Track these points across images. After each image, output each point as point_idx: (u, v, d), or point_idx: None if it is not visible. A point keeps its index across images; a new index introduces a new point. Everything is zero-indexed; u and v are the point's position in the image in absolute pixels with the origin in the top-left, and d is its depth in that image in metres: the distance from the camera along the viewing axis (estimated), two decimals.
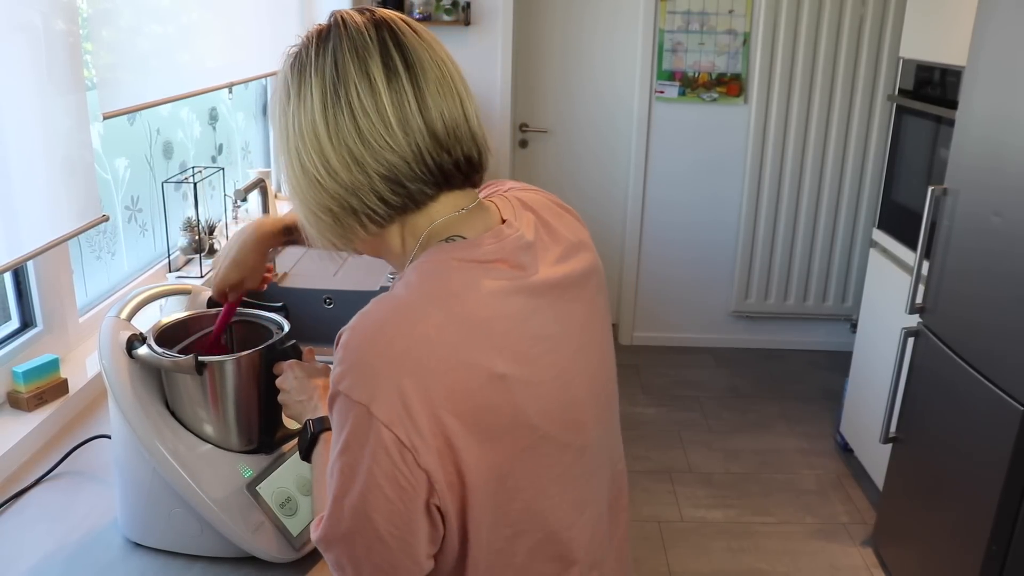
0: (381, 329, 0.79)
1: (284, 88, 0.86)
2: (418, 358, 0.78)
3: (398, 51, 0.83)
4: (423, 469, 0.78)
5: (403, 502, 0.79)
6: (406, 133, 0.82)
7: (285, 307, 1.21)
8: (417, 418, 0.77)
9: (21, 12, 1.26)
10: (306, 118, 0.83)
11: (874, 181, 3.83)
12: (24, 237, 1.30)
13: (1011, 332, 1.92)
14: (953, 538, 2.14)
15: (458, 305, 0.81)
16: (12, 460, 1.29)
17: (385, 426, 0.76)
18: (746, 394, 3.72)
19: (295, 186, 0.86)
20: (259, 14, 2.32)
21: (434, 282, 0.83)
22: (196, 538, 1.09)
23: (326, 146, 0.82)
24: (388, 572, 0.82)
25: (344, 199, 0.83)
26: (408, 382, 0.77)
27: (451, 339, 0.79)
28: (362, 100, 0.81)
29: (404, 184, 0.83)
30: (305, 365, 1.10)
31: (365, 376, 0.78)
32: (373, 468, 0.78)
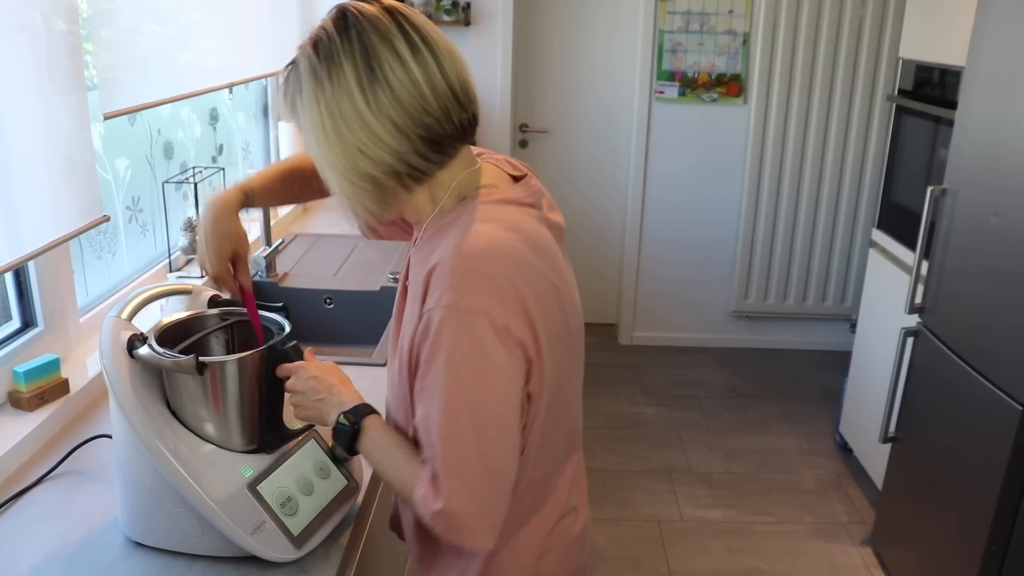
0: (477, 250, 0.94)
1: (313, 76, 0.95)
2: (511, 264, 0.95)
3: (414, 30, 0.95)
4: (527, 359, 0.96)
5: (518, 395, 0.96)
6: (436, 96, 0.95)
7: (285, 307, 1.21)
8: (519, 314, 0.94)
9: (22, 12, 1.26)
10: (344, 97, 0.93)
11: (873, 181, 3.83)
12: (25, 237, 1.30)
13: (1010, 332, 1.92)
14: (952, 537, 2.15)
15: (522, 231, 0.99)
16: (13, 460, 1.29)
17: (505, 328, 0.92)
18: (746, 394, 3.72)
19: (335, 161, 0.96)
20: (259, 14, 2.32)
21: (497, 217, 0.99)
22: (197, 538, 1.09)
23: (369, 119, 0.93)
24: (511, 475, 0.97)
25: (390, 164, 0.95)
26: (509, 284, 0.93)
27: (529, 254, 0.97)
28: (396, 74, 0.93)
29: (439, 141, 0.96)
30: (313, 364, 1.10)
31: (477, 287, 0.92)
32: (503, 369, 0.93)
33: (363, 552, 1.28)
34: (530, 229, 1.00)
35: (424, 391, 0.95)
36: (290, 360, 1.11)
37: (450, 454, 0.93)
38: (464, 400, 0.92)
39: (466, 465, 0.93)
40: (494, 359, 0.92)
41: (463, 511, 0.93)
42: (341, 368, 1.12)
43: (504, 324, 0.92)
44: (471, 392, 0.92)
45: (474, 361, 0.92)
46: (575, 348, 1.08)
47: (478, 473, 0.94)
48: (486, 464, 0.94)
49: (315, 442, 1.19)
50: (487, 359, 0.92)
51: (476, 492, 0.94)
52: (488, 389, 0.93)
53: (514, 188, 1.05)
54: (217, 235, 1.18)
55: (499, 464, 0.95)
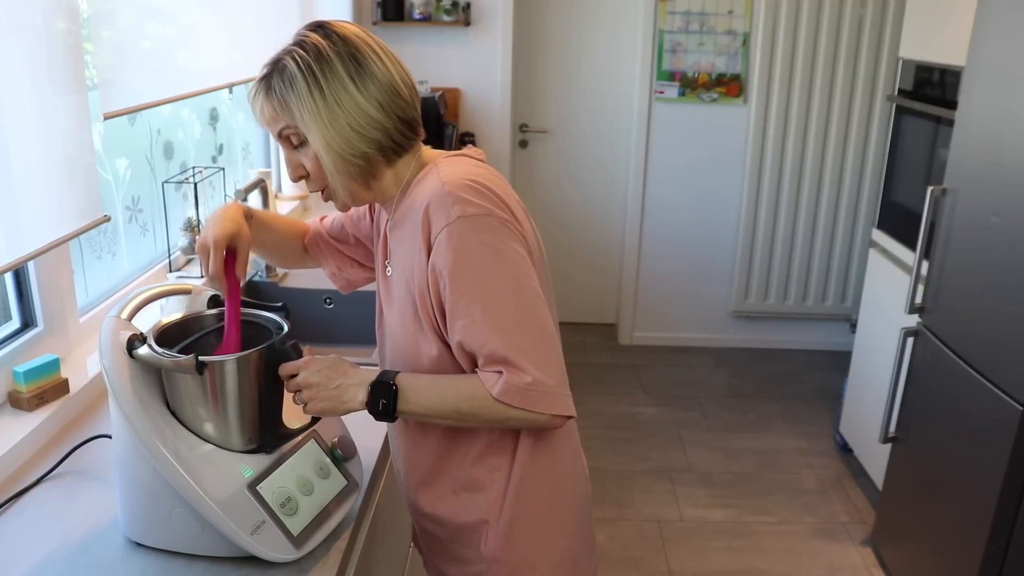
0: (461, 175, 1.10)
1: (308, 73, 1.08)
2: (492, 181, 1.12)
3: (372, 38, 1.13)
4: (528, 251, 1.12)
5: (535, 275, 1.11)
6: (406, 87, 1.13)
7: (285, 307, 1.21)
8: (512, 214, 1.11)
9: (22, 12, 1.26)
10: (339, 86, 1.08)
11: (874, 181, 3.83)
12: (25, 237, 1.30)
13: (1010, 332, 1.92)
14: (952, 537, 2.15)
15: (486, 171, 1.16)
16: (13, 460, 1.29)
17: (507, 219, 1.08)
18: (746, 394, 3.72)
19: (332, 142, 1.09)
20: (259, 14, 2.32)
21: (463, 163, 1.16)
22: (197, 538, 1.09)
23: (362, 102, 1.09)
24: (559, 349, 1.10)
25: (378, 140, 1.10)
26: (498, 193, 1.10)
27: (498, 181, 1.15)
28: (378, 66, 1.10)
29: (410, 121, 1.14)
30: (318, 359, 1.11)
31: (476, 196, 1.07)
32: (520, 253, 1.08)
33: (363, 552, 1.28)
34: (491, 173, 1.17)
35: (459, 302, 1.05)
36: (289, 359, 1.11)
37: (512, 336, 1.04)
38: (503, 287, 1.05)
39: (530, 340, 1.05)
40: (513, 245, 1.07)
41: (549, 379, 1.05)
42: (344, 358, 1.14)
43: (506, 218, 1.08)
44: (506, 278, 1.06)
45: (497, 252, 1.06)
46: (547, 275, 1.20)
47: (541, 343, 1.06)
48: (544, 333, 1.07)
49: (315, 442, 1.19)
50: (507, 246, 1.07)
51: (548, 360, 1.06)
52: (518, 271, 1.07)
53: (466, 151, 1.22)
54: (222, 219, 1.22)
55: (551, 331, 1.09)
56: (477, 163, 1.19)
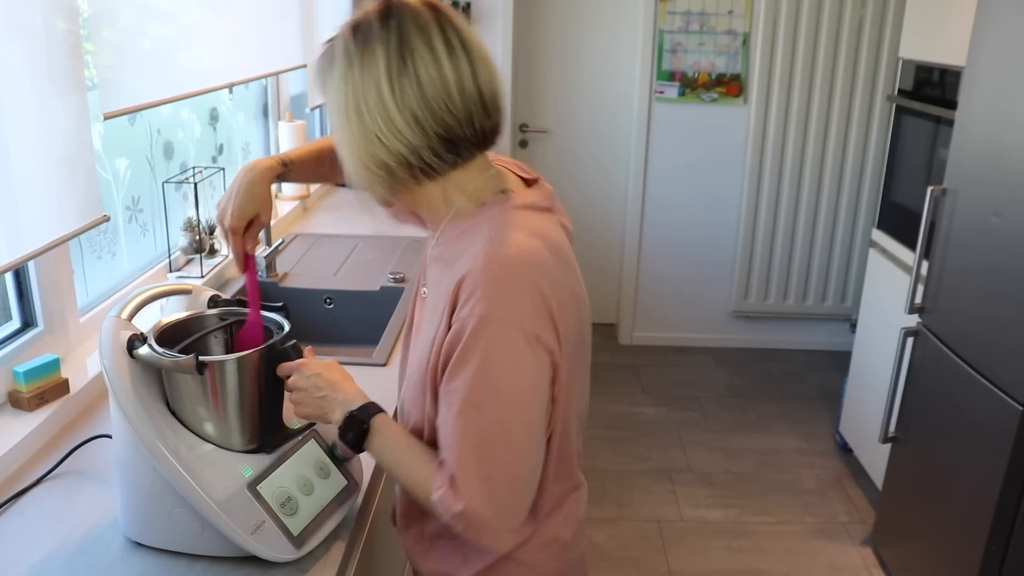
0: (507, 259, 0.96)
1: (346, 57, 0.96)
2: (540, 274, 0.97)
3: (454, 31, 0.96)
4: (554, 364, 0.98)
5: (544, 402, 0.98)
6: (463, 98, 0.96)
7: (285, 307, 1.21)
8: (547, 322, 0.96)
9: (22, 12, 1.26)
10: (371, 83, 0.94)
11: (873, 181, 3.83)
12: (25, 237, 1.30)
13: (1010, 332, 1.92)
14: (952, 537, 2.15)
15: (546, 238, 1.01)
16: (13, 460, 1.29)
17: (536, 337, 0.94)
18: (746, 394, 3.72)
19: (352, 143, 0.98)
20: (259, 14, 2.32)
21: (522, 223, 1.01)
22: (197, 538, 1.09)
23: (391, 108, 0.94)
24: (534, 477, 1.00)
25: (403, 155, 0.96)
26: (538, 294, 0.95)
27: (554, 262, 1.00)
28: (427, 69, 0.94)
29: (456, 143, 0.97)
30: (315, 362, 1.10)
31: (508, 298, 0.94)
32: (532, 377, 0.96)
33: (363, 552, 1.28)
34: (552, 236, 1.02)
35: (451, 394, 0.96)
36: (289, 359, 1.11)
37: (469, 458, 0.94)
38: (493, 407, 0.94)
39: (490, 469, 0.95)
40: (524, 368, 0.94)
41: (484, 513, 0.95)
42: (342, 366, 1.13)
43: (534, 332, 0.94)
44: (500, 400, 0.94)
45: (505, 370, 0.94)
46: (586, 355, 1.11)
47: (502, 477, 0.95)
48: (511, 469, 0.96)
49: (315, 442, 1.19)
50: (518, 368, 0.94)
51: (499, 496, 0.96)
52: (517, 397, 0.95)
53: (532, 193, 1.06)
54: (247, 194, 1.21)
55: (523, 469, 0.98)
56: (540, 216, 1.04)
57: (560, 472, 1.09)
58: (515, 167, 1.13)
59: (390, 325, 1.88)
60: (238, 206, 1.21)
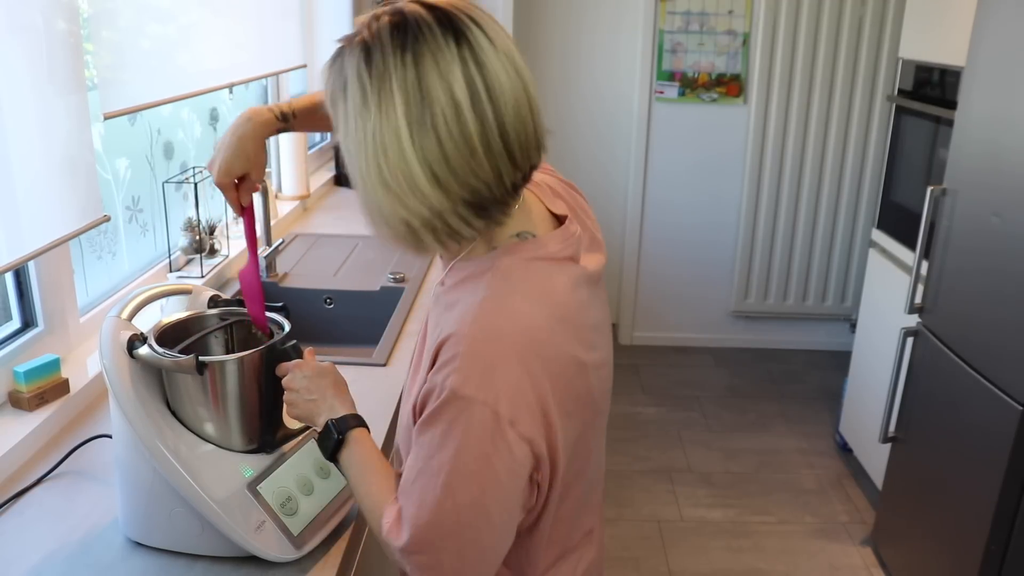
0: (499, 333, 0.84)
1: (359, 89, 0.82)
2: (531, 353, 0.85)
3: (478, 70, 0.81)
4: (535, 454, 0.86)
5: (516, 486, 0.86)
6: (489, 156, 0.82)
7: (285, 307, 1.21)
8: (532, 408, 0.84)
9: (22, 12, 1.26)
10: (389, 131, 0.80)
11: (873, 181, 3.84)
12: (25, 237, 1.30)
13: (1010, 332, 1.92)
14: (952, 537, 2.15)
15: (550, 302, 0.89)
16: (13, 460, 1.29)
17: (509, 422, 0.82)
18: (746, 394, 3.72)
19: (372, 195, 0.85)
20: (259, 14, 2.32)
21: (525, 280, 0.89)
22: (197, 538, 1.09)
23: (413, 165, 0.81)
24: (489, 555, 0.89)
25: (426, 218, 0.84)
26: (525, 374, 0.84)
27: (557, 335, 0.88)
28: (448, 124, 0.79)
29: (487, 207, 0.85)
30: (311, 364, 1.10)
31: (487, 376, 0.82)
32: (495, 463, 0.83)
33: (363, 552, 1.28)
34: (560, 296, 0.90)
35: (417, 446, 0.88)
36: (289, 359, 1.11)
37: (426, 515, 0.86)
38: (448, 479, 0.84)
39: (439, 534, 0.87)
40: (489, 452, 0.83)
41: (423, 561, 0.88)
42: (339, 371, 1.12)
43: (510, 417, 0.82)
44: (457, 476, 0.84)
45: (467, 449, 0.83)
46: (598, 421, 1.00)
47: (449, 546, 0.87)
48: (458, 542, 0.87)
49: (315, 442, 1.19)
50: (481, 450, 0.83)
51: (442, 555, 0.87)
52: (476, 479, 0.84)
53: (551, 240, 0.92)
54: (233, 151, 1.14)
55: (471, 546, 0.87)
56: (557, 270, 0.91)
57: (554, 537, 1.00)
58: (547, 191, 1.01)
59: (390, 325, 1.88)
60: (225, 161, 1.14)
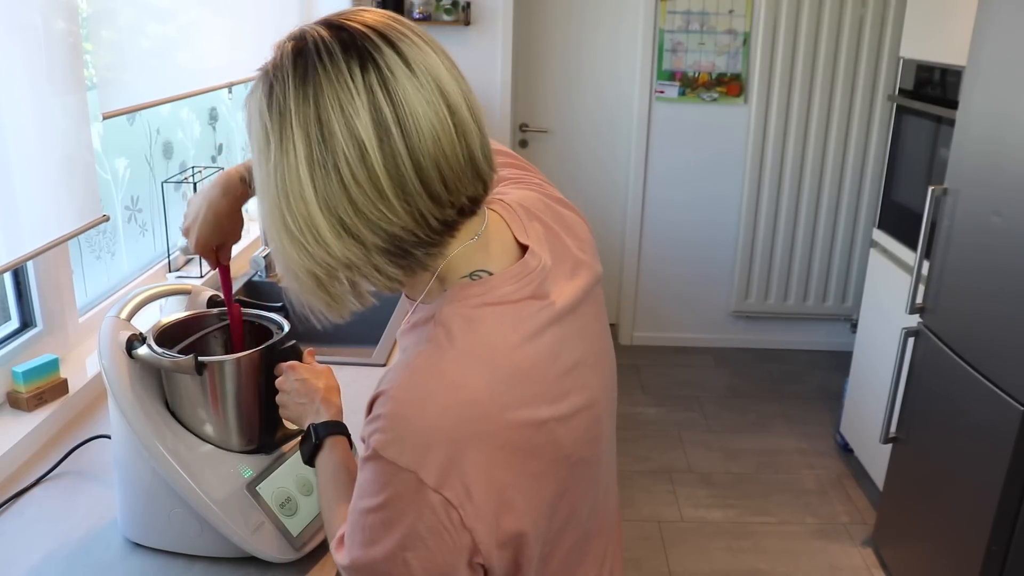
0: (428, 396, 0.74)
1: (262, 130, 0.73)
2: (470, 423, 0.74)
3: (387, 100, 0.70)
4: (468, 529, 0.74)
5: (443, 555, 0.75)
6: (405, 201, 0.71)
7: (285, 307, 1.21)
8: (468, 481, 0.74)
9: (21, 12, 1.26)
10: (291, 176, 0.71)
11: (874, 181, 3.83)
12: (24, 237, 1.30)
13: (1011, 332, 1.91)
14: (953, 538, 2.14)
15: (500, 359, 0.77)
16: (12, 460, 1.29)
17: (434, 490, 0.73)
18: (746, 394, 3.72)
19: (276, 243, 0.76)
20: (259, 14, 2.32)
21: (472, 335, 0.77)
22: (196, 538, 1.09)
23: (315, 213, 0.71)
24: None
25: (334, 270, 0.75)
26: (460, 448, 0.73)
27: (499, 398, 0.76)
28: (352, 168, 0.70)
29: (408, 251, 0.75)
30: (306, 366, 1.09)
31: (413, 444, 0.73)
32: (416, 525, 0.74)
33: None
34: (510, 350, 0.78)
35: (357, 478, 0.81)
36: (289, 360, 1.10)
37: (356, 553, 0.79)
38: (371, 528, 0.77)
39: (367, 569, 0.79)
40: (411, 517, 0.74)
41: None
42: (334, 375, 1.11)
43: (435, 485, 0.73)
44: (379, 529, 0.76)
45: (389, 507, 0.75)
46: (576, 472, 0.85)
47: None
48: None
49: None
50: (402, 512, 0.74)
51: None
52: (393, 537, 0.75)
53: (503, 280, 0.80)
54: (210, 226, 1.09)
55: None
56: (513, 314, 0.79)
57: None
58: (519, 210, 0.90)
59: (390, 325, 1.88)
60: (202, 236, 1.09)
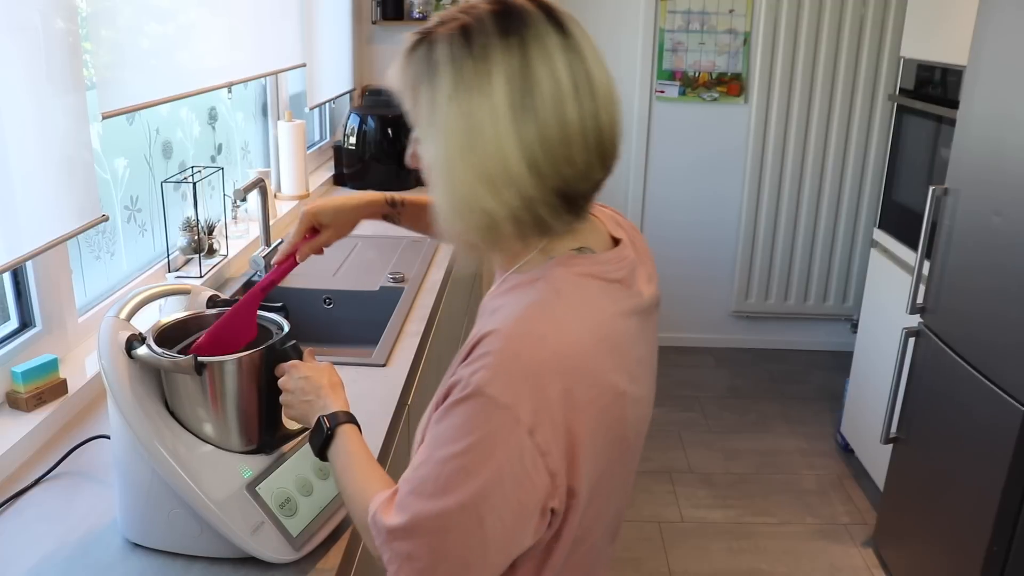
0: (540, 339, 0.79)
1: (454, 69, 0.79)
2: (572, 373, 0.79)
3: (580, 62, 0.82)
4: (550, 472, 0.79)
5: (522, 503, 0.79)
6: (585, 148, 0.80)
7: (285, 307, 1.21)
8: (556, 424, 0.78)
9: (20, 12, 1.26)
10: (486, 115, 0.78)
11: (875, 181, 3.83)
12: (23, 237, 1.30)
13: (1012, 332, 1.91)
14: (954, 538, 2.14)
15: (597, 321, 0.84)
16: (11, 460, 1.29)
17: (528, 430, 0.77)
18: (746, 394, 3.72)
19: (453, 183, 0.81)
20: (259, 14, 2.32)
21: (579, 295, 0.84)
22: (196, 539, 1.08)
23: (509, 149, 0.78)
24: (464, 568, 0.81)
25: (514, 208, 0.81)
26: (557, 389, 0.78)
27: (598, 356, 0.82)
28: (550, 110, 0.78)
29: (575, 199, 0.83)
30: (307, 364, 1.09)
31: (520, 381, 0.77)
32: (504, 469, 0.77)
33: (363, 553, 1.27)
34: (608, 318, 0.85)
35: (431, 432, 0.84)
36: (289, 359, 1.10)
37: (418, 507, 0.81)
38: (451, 474, 0.79)
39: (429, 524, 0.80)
40: (499, 456, 0.77)
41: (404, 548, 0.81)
42: (336, 371, 1.11)
43: (530, 426, 0.77)
44: (461, 473, 0.78)
45: (478, 448, 0.78)
46: (628, 457, 0.94)
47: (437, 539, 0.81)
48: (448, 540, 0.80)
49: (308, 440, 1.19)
50: (491, 452, 0.77)
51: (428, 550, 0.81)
52: (480, 481, 0.78)
53: (605, 259, 0.89)
54: (337, 203, 1.20)
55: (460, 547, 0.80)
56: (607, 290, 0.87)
57: None
58: (610, 219, 0.99)
59: (390, 325, 1.87)
60: (324, 203, 1.20)
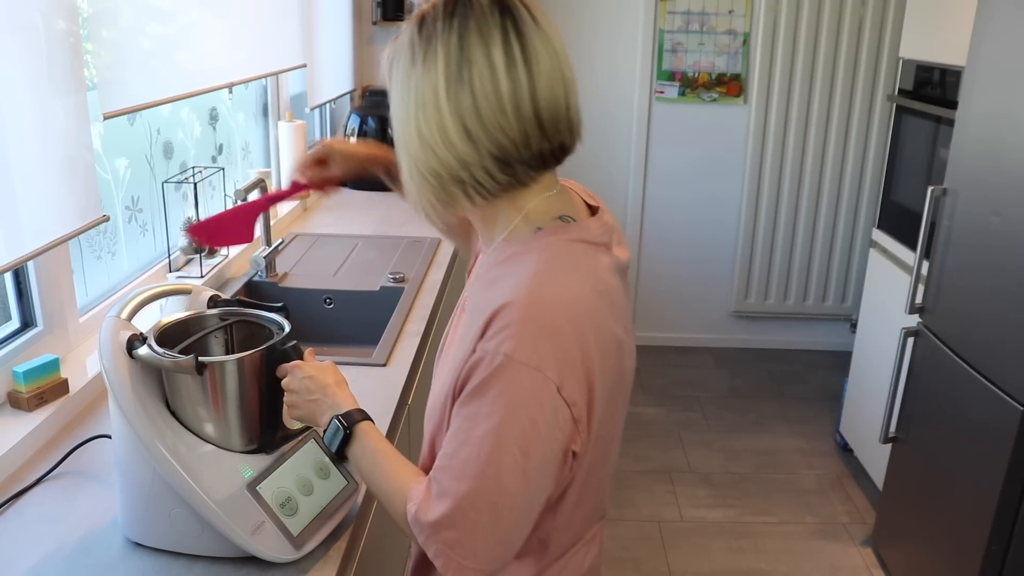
0: (553, 303, 0.89)
1: (410, 51, 0.93)
2: (581, 323, 0.90)
3: (518, 40, 0.90)
4: (575, 419, 0.90)
5: (555, 452, 0.90)
6: (518, 118, 0.90)
7: (285, 307, 1.21)
8: (578, 376, 0.88)
9: (22, 12, 1.26)
10: (428, 86, 0.90)
11: (874, 181, 3.83)
12: (25, 237, 1.30)
13: (1011, 332, 1.92)
14: (953, 538, 2.14)
15: (593, 279, 0.94)
16: (12, 460, 1.29)
17: (557, 386, 0.87)
18: (746, 394, 3.72)
19: (408, 146, 0.94)
20: (259, 14, 2.32)
21: (574, 259, 0.95)
22: (196, 538, 1.09)
23: (445, 116, 0.89)
24: (519, 528, 0.92)
25: (454, 169, 0.92)
26: (576, 344, 0.88)
27: (602, 310, 0.93)
28: (483, 82, 0.88)
29: (511, 164, 0.92)
30: (310, 364, 1.10)
31: (540, 343, 0.87)
32: (541, 427, 0.87)
33: (363, 552, 1.27)
34: (604, 277, 0.96)
35: (460, 417, 0.91)
36: (289, 360, 1.11)
37: (464, 487, 0.89)
38: (493, 446, 0.87)
39: (475, 501, 0.89)
40: (536, 416, 0.87)
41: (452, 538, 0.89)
42: (339, 369, 1.12)
43: (558, 382, 0.87)
44: (503, 442, 0.87)
45: (516, 414, 0.87)
46: (623, 399, 1.04)
47: (485, 514, 0.89)
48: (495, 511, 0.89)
49: (315, 442, 1.19)
50: (529, 415, 0.87)
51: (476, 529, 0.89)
52: (520, 444, 0.87)
53: (590, 224, 0.99)
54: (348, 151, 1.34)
55: (507, 514, 0.90)
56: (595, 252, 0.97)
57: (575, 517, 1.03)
58: (582, 191, 1.09)
59: (390, 325, 1.88)
60: (339, 143, 1.34)
